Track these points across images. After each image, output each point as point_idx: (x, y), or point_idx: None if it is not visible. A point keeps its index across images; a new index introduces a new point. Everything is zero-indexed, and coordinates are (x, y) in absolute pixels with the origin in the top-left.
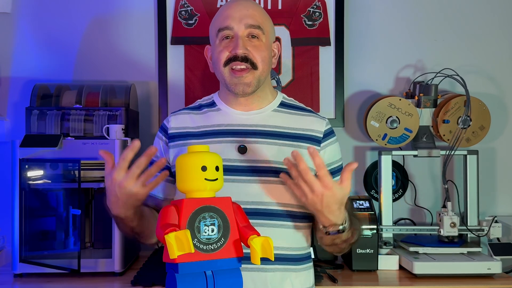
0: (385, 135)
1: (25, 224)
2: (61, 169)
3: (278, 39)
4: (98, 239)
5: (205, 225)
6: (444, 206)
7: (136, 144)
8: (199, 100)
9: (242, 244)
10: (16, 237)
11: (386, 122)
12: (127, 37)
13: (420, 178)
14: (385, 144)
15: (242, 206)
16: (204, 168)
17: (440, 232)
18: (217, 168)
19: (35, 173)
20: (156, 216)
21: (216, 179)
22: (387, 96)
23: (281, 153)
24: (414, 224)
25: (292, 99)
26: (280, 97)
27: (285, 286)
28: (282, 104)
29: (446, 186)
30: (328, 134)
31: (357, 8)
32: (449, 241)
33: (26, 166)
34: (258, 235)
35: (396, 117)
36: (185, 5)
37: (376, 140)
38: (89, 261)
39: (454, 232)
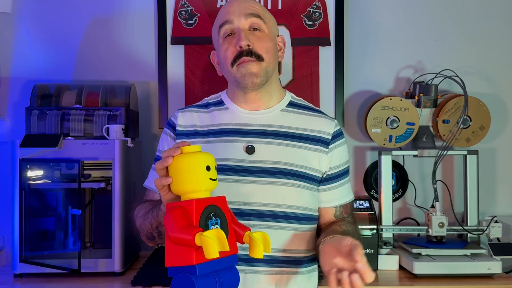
0: (390, 137)
1: (25, 224)
2: (61, 169)
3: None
4: (98, 239)
5: (211, 224)
6: (433, 206)
7: None
8: (206, 98)
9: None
10: (16, 237)
11: (387, 125)
12: (127, 37)
13: (420, 178)
14: (394, 145)
15: (249, 208)
16: (208, 168)
17: (429, 232)
18: (213, 168)
19: (35, 173)
20: None
21: (216, 178)
22: (378, 100)
23: (288, 154)
24: (418, 223)
25: (301, 99)
26: (289, 96)
27: (290, 287)
28: (291, 104)
29: (435, 186)
30: (337, 136)
31: (357, 8)
32: (438, 241)
33: (26, 166)
34: (250, 230)
35: (394, 116)
36: (185, 5)
37: (384, 144)
38: (89, 261)
39: (443, 232)
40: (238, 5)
